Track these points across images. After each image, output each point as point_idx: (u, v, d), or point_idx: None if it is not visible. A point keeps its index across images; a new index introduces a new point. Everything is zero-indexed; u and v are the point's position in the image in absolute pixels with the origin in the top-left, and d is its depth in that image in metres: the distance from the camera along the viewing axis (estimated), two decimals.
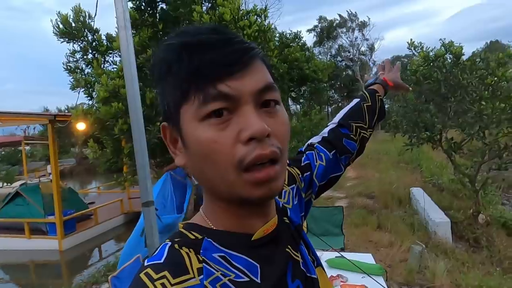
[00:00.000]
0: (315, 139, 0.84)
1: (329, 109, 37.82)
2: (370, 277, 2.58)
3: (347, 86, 40.53)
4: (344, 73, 40.87)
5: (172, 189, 3.98)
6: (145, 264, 0.46)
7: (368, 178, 10.55)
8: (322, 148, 0.79)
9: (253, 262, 0.49)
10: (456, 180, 6.66)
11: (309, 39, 42.77)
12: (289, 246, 0.55)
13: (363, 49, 42.42)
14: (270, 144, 0.45)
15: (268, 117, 0.46)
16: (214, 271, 0.46)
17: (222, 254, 0.48)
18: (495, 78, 5.26)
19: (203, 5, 6.44)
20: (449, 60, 5.42)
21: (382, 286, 2.53)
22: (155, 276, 0.43)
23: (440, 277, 3.52)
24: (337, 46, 42.28)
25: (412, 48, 5.35)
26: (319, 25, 41.65)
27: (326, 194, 8.26)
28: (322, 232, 3.99)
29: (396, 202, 7.39)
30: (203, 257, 0.47)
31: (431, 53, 5.15)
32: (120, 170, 7.85)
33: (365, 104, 0.87)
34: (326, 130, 0.84)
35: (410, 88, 0.98)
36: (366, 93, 0.90)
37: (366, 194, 8.53)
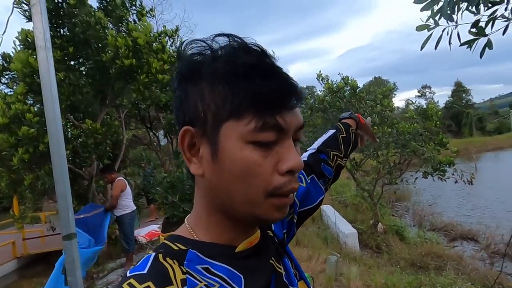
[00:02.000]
0: None
1: None
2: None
3: None
4: None
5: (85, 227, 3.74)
6: (128, 274, 0.45)
7: None
8: (302, 171, 0.79)
9: (236, 272, 0.49)
10: (358, 195, 7.55)
11: None
12: (272, 258, 0.56)
13: None
14: (297, 178, 0.49)
15: None
16: (197, 282, 0.46)
17: (206, 266, 0.48)
18: (382, 107, 6.31)
19: (115, 27, 6.28)
20: (348, 92, 6.32)
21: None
22: (138, 287, 0.43)
23: (354, 281, 3.98)
24: None
25: (320, 79, 6.11)
26: None
27: None
28: None
29: (310, 220, 7.99)
30: (186, 269, 0.47)
31: (334, 85, 5.96)
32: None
33: (340, 135, 0.91)
34: (306, 154, 0.86)
35: (377, 140, 1.02)
36: (341, 126, 0.94)
37: None
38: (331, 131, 0.93)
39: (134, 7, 6.15)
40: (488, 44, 1.73)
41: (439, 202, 11.27)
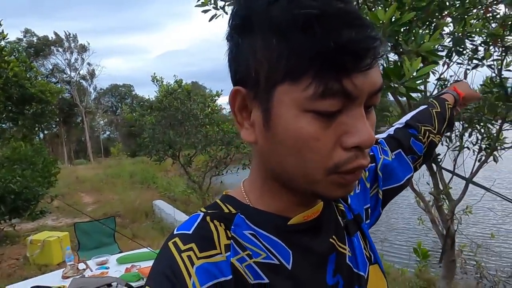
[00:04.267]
0: (379, 135, 0.75)
1: (42, 134, 33.42)
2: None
3: (64, 111, 37.49)
4: (60, 96, 37.60)
5: None
6: (175, 232, 0.44)
7: (108, 201, 10.72)
8: (386, 144, 0.70)
9: (285, 246, 0.45)
10: (188, 188, 8.34)
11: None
12: (334, 237, 0.50)
13: (82, 72, 40.74)
14: (368, 153, 0.42)
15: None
16: (240, 251, 0.43)
17: (253, 232, 0.45)
18: (210, 109, 7.33)
19: None
20: (180, 94, 6.99)
21: None
22: (182, 247, 0.41)
23: None
24: (50, 66, 38.35)
25: (155, 81, 6.50)
26: (25, 39, 36.36)
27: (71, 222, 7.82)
28: (97, 245, 4.16)
29: (143, 216, 8.20)
30: (232, 234, 0.44)
31: (169, 87, 6.50)
32: None
33: (433, 110, 0.80)
34: (392, 129, 0.77)
35: (481, 96, 0.88)
36: (435, 101, 0.84)
37: (112, 214, 8.77)
38: (422, 106, 0.82)
39: None
40: None
41: None
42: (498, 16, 1.84)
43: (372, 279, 0.53)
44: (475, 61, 1.97)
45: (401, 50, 1.55)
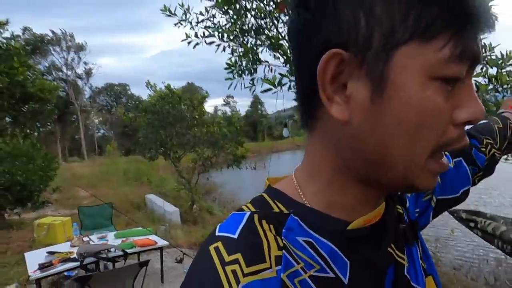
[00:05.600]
0: None
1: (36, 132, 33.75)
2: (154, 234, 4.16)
3: (59, 108, 38.01)
4: (57, 92, 38.06)
5: None
6: (217, 233, 0.38)
7: (104, 195, 11.44)
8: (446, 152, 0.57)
9: (342, 256, 0.38)
10: (178, 184, 9.13)
11: None
12: (392, 246, 0.43)
13: (79, 71, 41.24)
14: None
15: None
16: (294, 262, 0.36)
17: (308, 239, 0.38)
18: (198, 112, 8.14)
19: None
20: (172, 98, 7.80)
21: (159, 237, 4.13)
22: (226, 258, 0.35)
23: (181, 238, 5.50)
24: (47, 64, 38.83)
25: (149, 87, 7.31)
26: (23, 36, 36.82)
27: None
28: (96, 226, 4.94)
29: (136, 208, 8.99)
30: (284, 241, 0.37)
31: (162, 92, 7.31)
32: None
33: (495, 125, 0.72)
34: None
35: None
36: (496, 118, 0.76)
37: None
38: (484, 121, 0.74)
39: None
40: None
41: (241, 192, 14.38)
42: None
43: None
44: None
45: None
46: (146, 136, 7.28)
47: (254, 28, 2.92)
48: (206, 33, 3.00)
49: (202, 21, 3.04)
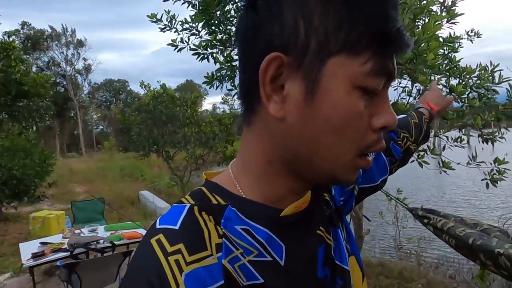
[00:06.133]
0: None
1: (35, 127, 33.85)
2: (141, 227, 4.41)
3: (58, 104, 38.15)
4: (54, 89, 38.24)
5: None
6: (157, 226, 0.39)
7: (99, 191, 11.72)
8: None
9: (277, 240, 0.42)
10: (171, 180, 9.39)
11: None
12: (321, 228, 0.48)
13: (78, 67, 41.29)
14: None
15: None
16: (233, 249, 0.39)
17: (246, 227, 0.41)
18: (190, 112, 8.38)
19: None
20: (165, 98, 8.05)
21: (145, 230, 4.40)
22: (169, 248, 0.36)
23: None
24: (47, 59, 38.93)
25: (143, 87, 7.56)
26: (22, 31, 36.91)
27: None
28: (88, 219, 5.20)
29: (130, 203, 9.25)
30: (223, 230, 0.40)
31: (156, 92, 7.57)
32: None
33: (412, 120, 0.81)
34: None
35: (452, 99, 0.97)
36: (413, 112, 0.85)
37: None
38: (402, 115, 0.83)
39: None
40: None
41: None
42: None
43: (352, 271, 0.51)
44: None
45: None
46: (139, 134, 7.54)
47: (232, 39, 3.13)
48: (191, 38, 3.18)
49: (186, 28, 3.22)
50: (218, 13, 2.77)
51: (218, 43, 3.11)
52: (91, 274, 2.96)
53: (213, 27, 3.00)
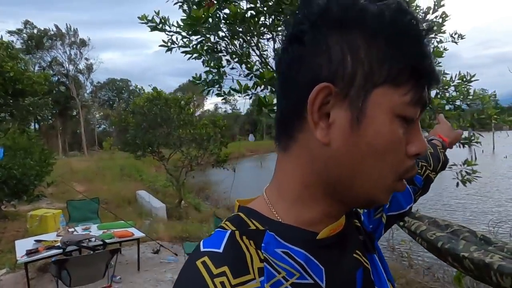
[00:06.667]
0: None
1: (37, 126, 34.14)
2: (133, 227, 4.61)
3: (60, 103, 38.45)
4: (56, 88, 38.53)
5: None
6: (202, 249, 0.40)
7: (98, 190, 11.93)
8: None
9: (317, 262, 0.43)
10: (167, 180, 9.59)
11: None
12: (357, 251, 0.49)
13: (80, 66, 41.49)
14: None
15: None
16: (275, 273, 0.40)
17: (285, 250, 0.42)
18: (185, 113, 8.56)
19: None
20: (160, 101, 8.24)
21: (137, 229, 4.59)
22: (214, 271, 0.37)
23: (162, 232, 5.97)
24: (49, 58, 39.21)
25: (137, 89, 7.71)
26: (25, 30, 37.22)
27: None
28: (83, 218, 5.39)
29: (127, 203, 9.46)
30: (264, 255, 0.41)
31: (150, 95, 7.77)
32: None
33: (428, 151, 0.83)
34: None
35: (462, 133, 1.01)
36: (428, 144, 0.81)
37: (101, 201, 10.02)
38: None
39: None
40: None
41: (234, 191, 14.81)
42: None
43: None
44: None
45: None
46: (135, 136, 7.74)
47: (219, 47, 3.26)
48: (179, 39, 3.15)
49: (177, 32, 3.26)
50: (206, 25, 2.87)
51: (205, 52, 3.21)
52: (80, 270, 3.15)
53: (201, 37, 3.09)
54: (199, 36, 3.10)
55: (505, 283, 1.58)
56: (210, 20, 2.81)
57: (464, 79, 3.13)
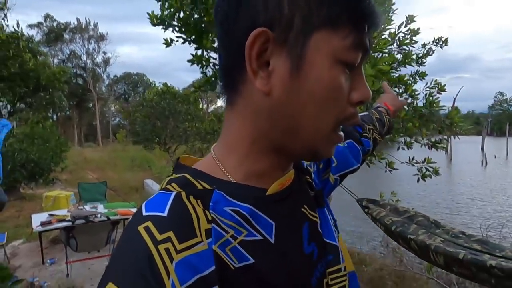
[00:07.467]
0: None
1: (55, 116, 35.30)
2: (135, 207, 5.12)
3: (77, 95, 39.55)
4: (74, 81, 39.67)
5: None
6: (144, 213, 0.38)
7: (108, 178, 12.58)
8: None
9: (267, 218, 0.43)
10: None
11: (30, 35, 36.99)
12: (305, 206, 0.49)
13: (98, 60, 42.44)
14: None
15: None
16: (223, 233, 0.39)
17: (234, 208, 0.41)
18: (193, 108, 9.05)
19: None
20: (168, 96, 8.76)
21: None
22: (158, 237, 0.35)
23: None
24: (68, 51, 40.33)
25: (151, 83, 8.22)
26: (45, 23, 38.39)
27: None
28: (93, 199, 5.95)
29: (134, 190, 10.05)
30: (212, 214, 0.40)
31: (159, 89, 8.30)
32: None
33: (374, 116, 0.88)
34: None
35: (406, 102, 0.95)
36: (373, 110, 0.91)
37: (110, 188, 10.65)
38: (364, 113, 0.89)
39: None
40: None
41: None
42: None
43: (342, 249, 0.53)
44: None
45: None
46: (143, 128, 8.29)
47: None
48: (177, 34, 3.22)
49: (178, 37, 3.18)
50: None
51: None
52: (85, 237, 3.67)
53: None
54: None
55: (440, 261, 1.93)
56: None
57: (432, 88, 3.51)
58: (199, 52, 3.06)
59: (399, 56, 3.33)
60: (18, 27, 9.95)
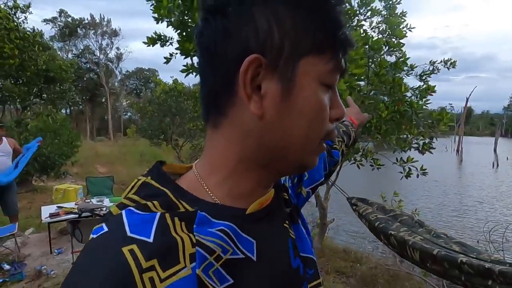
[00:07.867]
0: None
1: (68, 110, 35.94)
2: None
3: (90, 90, 40.17)
4: (87, 75, 40.29)
5: None
6: (129, 233, 0.37)
7: (118, 172, 12.89)
8: None
9: (247, 237, 0.44)
10: None
11: (45, 30, 37.81)
12: (286, 222, 0.52)
13: (110, 56, 42.93)
14: None
15: None
16: (207, 255, 0.39)
17: (220, 227, 0.42)
18: (200, 106, 9.18)
19: None
20: (176, 92, 8.90)
21: None
22: (144, 264, 0.35)
23: None
24: (82, 47, 40.93)
25: (157, 81, 8.42)
26: (60, 18, 39.05)
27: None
28: (100, 193, 6.16)
29: None
30: (197, 237, 0.40)
31: (167, 87, 8.46)
32: None
33: (341, 129, 0.93)
34: None
35: (369, 116, 1.12)
36: (340, 124, 0.96)
37: (118, 182, 10.95)
38: None
39: None
40: None
41: None
42: None
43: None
44: None
45: None
46: (150, 124, 8.46)
47: None
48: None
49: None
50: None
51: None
52: (89, 229, 3.83)
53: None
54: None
55: (416, 257, 2.01)
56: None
57: (421, 90, 3.60)
58: (189, 61, 3.07)
59: (393, 59, 3.43)
60: (34, 30, 10.16)
